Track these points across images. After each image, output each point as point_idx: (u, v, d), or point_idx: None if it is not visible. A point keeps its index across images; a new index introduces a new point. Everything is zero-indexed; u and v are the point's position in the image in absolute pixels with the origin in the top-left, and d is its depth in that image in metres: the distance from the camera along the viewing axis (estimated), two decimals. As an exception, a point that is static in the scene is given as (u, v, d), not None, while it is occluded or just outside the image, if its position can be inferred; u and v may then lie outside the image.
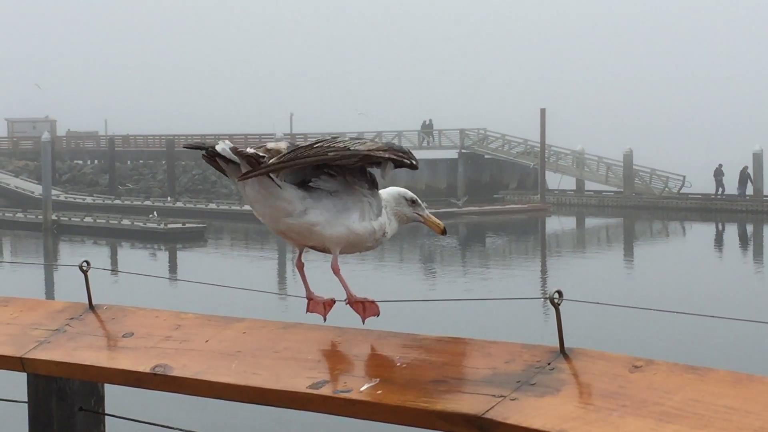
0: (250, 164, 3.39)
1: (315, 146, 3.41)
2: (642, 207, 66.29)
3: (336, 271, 3.55)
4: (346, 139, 3.47)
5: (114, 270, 37.51)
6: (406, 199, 3.73)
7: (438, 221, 3.75)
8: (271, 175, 3.41)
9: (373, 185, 3.62)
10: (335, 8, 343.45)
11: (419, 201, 3.75)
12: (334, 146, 3.40)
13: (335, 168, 3.49)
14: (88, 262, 4.04)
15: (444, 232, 3.76)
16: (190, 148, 3.64)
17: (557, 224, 61.20)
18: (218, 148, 3.39)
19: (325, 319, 3.61)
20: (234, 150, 3.39)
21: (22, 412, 4.00)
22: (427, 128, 78.60)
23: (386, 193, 3.70)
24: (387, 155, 3.49)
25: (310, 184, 3.48)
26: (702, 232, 56.76)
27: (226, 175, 3.51)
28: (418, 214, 3.74)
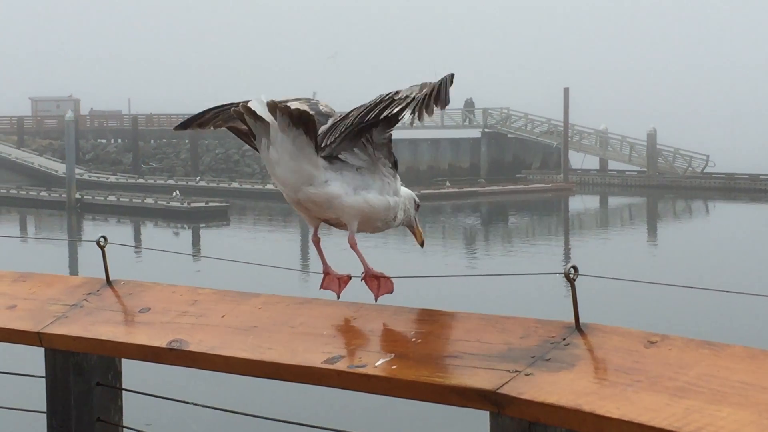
0: (294, 119, 3.34)
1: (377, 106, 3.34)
2: (665, 186, 66.00)
3: (353, 245, 3.55)
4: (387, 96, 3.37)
5: (131, 246, 37.61)
6: (416, 202, 3.79)
7: (422, 232, 3.85)
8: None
9: (395, 167, 3.62)
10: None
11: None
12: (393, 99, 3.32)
13: (367, 140, 3.47)
14: (105, 238, 4.05)
15: (422, 244, 3.86)
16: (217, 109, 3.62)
17: (580, 203, 61.02)
18: (252, 105, 3.32)
19: (338, 297, 3.60)
20: (273, 105, 3.32)
21: (40, 386, 4.01)
22: (469, 106, 77.97)
23: (403, 190, 3.70)
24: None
25: (341, 156, 3.47)
26: (725, 211, 56.52)
27: (251, 137, 3.44)
28: (415, 219, 3.81)
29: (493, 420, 2.88)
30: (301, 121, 3.36)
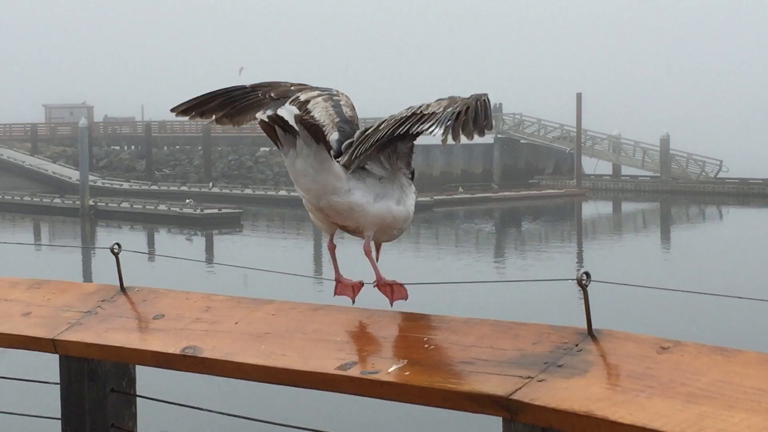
0: (314, 135, 3.37)
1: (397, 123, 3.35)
2: (679, 192, 65.89)
3: (368, 253, 3.56)
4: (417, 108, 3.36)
5: (145, 252, 37.65)
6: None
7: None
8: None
9: (412, 176, 3.64)
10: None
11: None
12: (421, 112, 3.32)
13: (391, 151, 3.50)
14: (119, 245, 4.06)
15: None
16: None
17: (593, 209, 60.96)
18: (283, 113, 3.34)
19: (353, 302, 3.62)
20: (299, 118, 3.35)
21: (55, 393, 4.03)
22: (496, 111, 77.59)
23: None
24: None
25: (366, 167, 3.51)
26: (739, 216, 56.40)
27: (278, 145, 3.44)
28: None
29: (506, 426, 2.89)
30: (321, 137, 3.39)
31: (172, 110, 3.95)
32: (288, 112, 3.34)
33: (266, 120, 3.35)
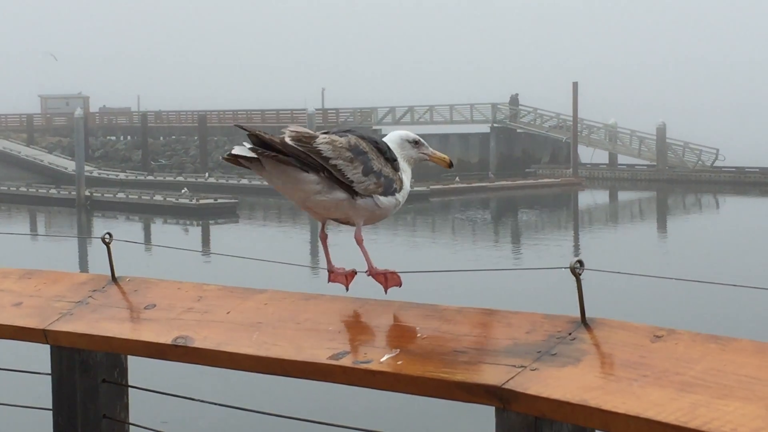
0: (276, 157, 3.39)
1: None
2: (675, 180, 65.89)
3: (359, 242, 3.55)
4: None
5: (138, 242, 37.64)
6: (409, 141, 3.74)
7: (443, 155, 3.78)
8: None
9: (395, 160, 3.62)
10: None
11: (421, 140, 3.75)
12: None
13: None
14: (110, 234, 4.04)
15: (450, 164, 3.79)
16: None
17: (590, 198, 60.95)
18: (235, 151, 3.38)
19: (347, 289, 3.60)
20: (253, 148, 3.37)
21: (46, 383, 4.01)
22: (513, 102, 77.30)
23: (390, 141, 3.68)
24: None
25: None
26: (735, 205, 56.43)
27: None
28: (423, 153, 3.76)
29: (499, 415, 2.87)
30: (283, 158, 3.39)
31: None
32: (240, 148, 3.36)
33: (228, 158, 3.39)
